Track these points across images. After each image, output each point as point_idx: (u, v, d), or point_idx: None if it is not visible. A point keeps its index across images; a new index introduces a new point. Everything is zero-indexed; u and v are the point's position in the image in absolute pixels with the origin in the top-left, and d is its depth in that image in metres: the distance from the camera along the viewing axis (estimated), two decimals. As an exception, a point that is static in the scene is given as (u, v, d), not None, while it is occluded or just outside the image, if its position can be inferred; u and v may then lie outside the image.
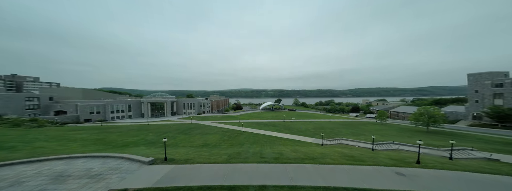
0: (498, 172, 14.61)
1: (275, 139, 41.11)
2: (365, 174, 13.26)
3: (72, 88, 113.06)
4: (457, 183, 12.11)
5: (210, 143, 35.97)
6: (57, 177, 12.39)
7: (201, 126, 58.64)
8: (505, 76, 65.85)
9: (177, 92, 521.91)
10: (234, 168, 13.99)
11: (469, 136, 44.69)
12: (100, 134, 43.25)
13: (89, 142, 34.54)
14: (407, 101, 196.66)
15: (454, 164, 17.06)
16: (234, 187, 10.66)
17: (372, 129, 56.64)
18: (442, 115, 51.77)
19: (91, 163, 15.46)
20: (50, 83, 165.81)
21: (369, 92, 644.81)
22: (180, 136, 43.23)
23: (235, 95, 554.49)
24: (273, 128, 56.89)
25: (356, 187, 10.96)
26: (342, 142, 37.55)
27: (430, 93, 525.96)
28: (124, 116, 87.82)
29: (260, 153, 19.69)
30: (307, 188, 10.59)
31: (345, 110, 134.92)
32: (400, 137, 42.73)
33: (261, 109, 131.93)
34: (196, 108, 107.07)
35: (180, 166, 14.56)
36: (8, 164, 14.99)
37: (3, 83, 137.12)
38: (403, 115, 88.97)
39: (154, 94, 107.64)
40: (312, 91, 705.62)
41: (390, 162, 16.69)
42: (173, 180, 11.82)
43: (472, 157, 25.14)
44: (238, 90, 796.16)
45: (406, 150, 28.32)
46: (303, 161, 15.85)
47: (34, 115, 68.95)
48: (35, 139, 34.23)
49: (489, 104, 63.77)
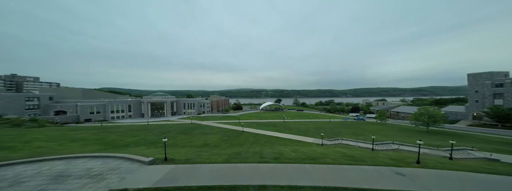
0: (498, 172, 14.60)
1: (275, 139, 41.12)
2: (365, 174, 13.25)
3: (72, 88, 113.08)
4: (457, 183, 12.10)
5: (210, 143, 35.98)
6: (57, 177, 12.39)
7: (201, 126, 58.65)
8: (505, 76, 65.87)
9: (177, 92, 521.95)
10: (234, 168, 13.98)
11: (469, 136, 44.70)
12: (100, 134, 43.24)
13: (89, 142, 34.53)
14: (407, 101, 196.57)
15: (454, 164, 17.06)
16: (234, 187, 10.66)
17: (372, 129, 56.65)
18: (442, 115, 51.77)
19: (91, 163, 15.45)
20: (50, 83, 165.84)
21: (369, 92, 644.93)
22: (180, 136, 43.23)
23: (235, 95, 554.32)
24: (273, 128, 56.90)
25: (356, 187, 10.95)
26: (342, 142, 37.56)
27: (430, 93, 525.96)
28: (124, 116, 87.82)
29: (260, 153, 19.70)
30: (307, 188, 10.58)
31: (345, 110, 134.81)
32: (400, 137, 42.74)
33: (261, 109, 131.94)
34: (196, 108, 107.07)
35: (180, 166, 14.56)
36: (8, 164, 14.98)
37: (3, 83, 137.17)
38: (403, 115, 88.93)
39: (154, 94, 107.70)
40: (312, 91, 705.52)
41: (390, 162, 16.69)
42: (173, 180, 11.81)
43: (472, 157, 25.14)
44: (238, 90, 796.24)
45: (406, 150, 28.32)
46: (303, 161, 15.84)
47: (34, 115, 68.95)
48: (35, 139, 34.25)
49: (489, 104, 63.79)
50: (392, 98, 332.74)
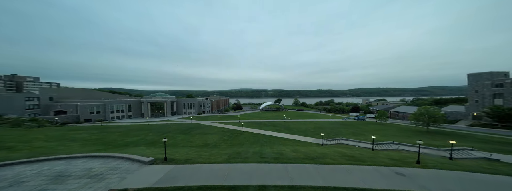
0: (498, 172, 14.61)
1: (275, 139, 41.13)
2: (365, 174, 13.26)
3: (72, 88, 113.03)
4: (457, 183, 12.10)
5: (210, 143, 35.98)
6: (57, 177, 12.39)
7: (201, 126, 58.65)
8: (505, 76, 65.88)
9: (177, 92, 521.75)
10: (234, 168, 13.99)
11: (469, 136, 44.69)
12: (100, 134, 43.26)
13: (89, 142, 34.56)
14: (407, 101, 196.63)
15: (454, 164, 17.07)
16: (234, 187, 10.66)
17: (372, 129, 56.66)
18: (442, 115, 51.77)
19: (91, 163, 15.46)
20: (50, 83, 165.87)
21: (369, 92, 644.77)
22: (180, 136, 43.23)
23: (235, 95, 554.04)
24: (273, 128, 56.90)
25: (356, 187, 10.96)
26: (342, 142, 37.57)
27: (430, 93, 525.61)
28: (124, 116, 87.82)
29: (260, 153, 19.71)
30: (307, 188, 10.59)
31: (345, 110, 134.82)
32: (400, 137, 42.76)
33: (261, 109, 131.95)
34: (196, 108, 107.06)
35: (180, 166, 14.56)
36: (8, 164, 15.00)
37: (3, 83, 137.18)
38: (403, 115, 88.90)
39: (154, 94, 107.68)
40: (312, 91, 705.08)
41: (390, 162, 16.70)
42: (173, 180, 11.82)
43: (472, 157, 25.16)
44: (238, 90, 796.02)
45: (406, 150, 28.34)
46: (303, 161, 15.84)
47: (34, 115, 68.96)
48: (35, 139, 34.28)
49: (489, 104, 63.78)
50: (392, 98, 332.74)
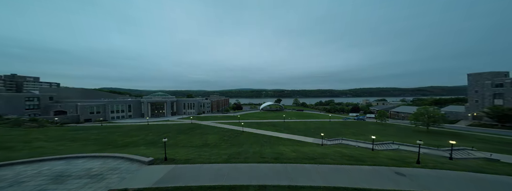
0: (498, 172, 14.60)
1: (275, 139, 41.12)
2: (365, 174, 13.26)
3: (72, 88, 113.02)
4: (457, 183, 12.10)
5: (210, 143, 35.97)
6: (57, 177, 12.39)
7: (201, 126, 58.63)
8: (505, 76, 65.85)
9: (177, 92, 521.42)
10: (234, 168, 13.99)
11: (469, 136, 44.68)
12: (100, 134, 43.27)
13: (89, 142, 34.55)
14: (407, 101, 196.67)
15: (454, 164, 17.06)
16: (234, 187, 10.66)
17: (372, 129, 56.64)
18: (442, 115, 51.79)
19: (91, 163, 15.46)
20: (50, 83, 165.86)
21: (369, 92, 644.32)
22: (180, 136, 43.22)
23: (235, 95, 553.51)
24: (273, 128, 56.89)
25: (356, 187, 10.96)
26: (342, 142, 37.57)
27: (430, 93, 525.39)
28: (124, 116, 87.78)
29: (260, 153, 19.71)
30: (307, 188, 10.59)
31: (345, 110, 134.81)
32: (400, 137, 42.74)
33: (261, 109, 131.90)
34: (196, 108, 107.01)
35: (180, 166, 14.56)
36: (8, 164, 14.99)
37: (3, 83, 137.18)
38: (403, 115, 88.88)
39: (154, 94, 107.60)
40: (312, 91, 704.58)
41: (390, 162, 16.69)
42: (173, 180, 11.82)
43: (472, 157, 25.17)
44: (238, 90, 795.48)
45: (406, 150, 28.35)
46: (303, 161, 15.85)
47: (34, 115, 68.93)
48: (35, 139, 34.29)
49: (489, 104, 63.77)
50: (392, 98, 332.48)
